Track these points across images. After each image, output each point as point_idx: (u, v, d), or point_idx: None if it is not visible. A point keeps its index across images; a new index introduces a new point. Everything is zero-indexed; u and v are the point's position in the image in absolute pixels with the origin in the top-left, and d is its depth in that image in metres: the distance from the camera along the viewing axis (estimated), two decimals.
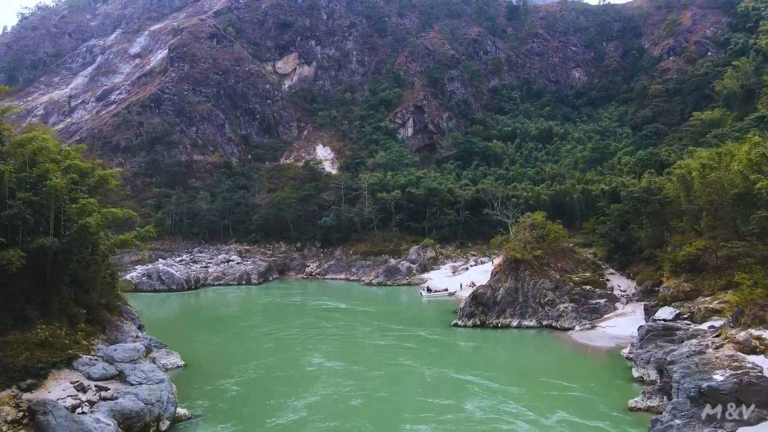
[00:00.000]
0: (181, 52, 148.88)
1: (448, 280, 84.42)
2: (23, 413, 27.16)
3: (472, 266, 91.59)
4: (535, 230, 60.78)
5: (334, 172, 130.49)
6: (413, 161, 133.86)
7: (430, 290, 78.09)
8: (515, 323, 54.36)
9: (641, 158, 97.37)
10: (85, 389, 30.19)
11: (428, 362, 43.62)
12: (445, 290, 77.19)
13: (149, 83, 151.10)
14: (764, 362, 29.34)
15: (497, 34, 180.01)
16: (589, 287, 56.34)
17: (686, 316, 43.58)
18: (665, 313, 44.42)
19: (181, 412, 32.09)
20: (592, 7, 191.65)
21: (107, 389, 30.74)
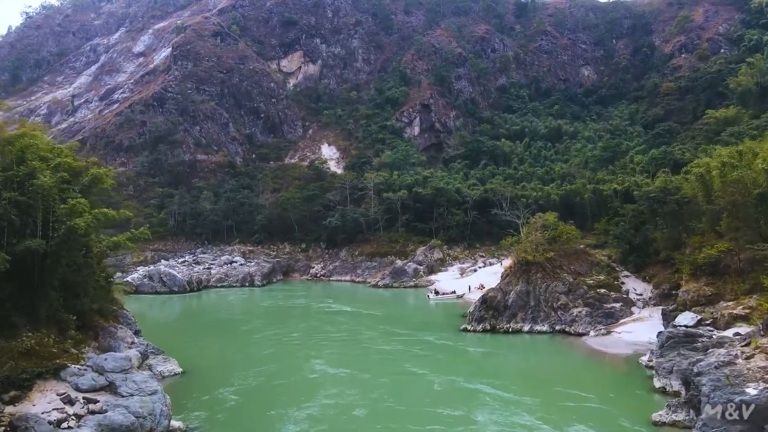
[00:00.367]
0: (184, 50, 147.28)
1: (456, 282, 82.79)
2: (5, 428, 25.87)
3: (480, 268, 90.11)
4: (546, 231, 58.99)
5: (339, 171, 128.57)
6: (420, 160, 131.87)
7: (437, 293, 76.25)
8: (527, 328, 52.78)
9: (654, 157, 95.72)
10: (72, 402, 28.62)
11: (436, 369, 42.34)
12: (453, 293, 75.45)
13: (152, 82, 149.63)
14: None
15: (505, 31, 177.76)
16: (603, 291, 54.56)
17: (709, 322, 41.96)
18: (686, 318, 42.61)
19: (175, 425, 30.94)
20: (601, 4, 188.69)
21: (96, 401, 29.15)
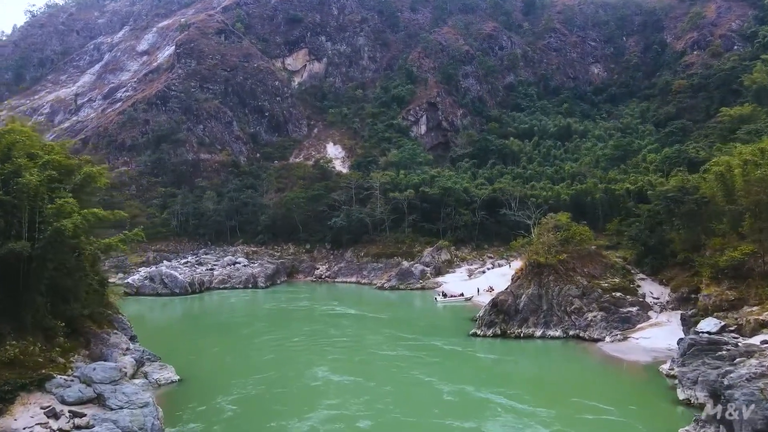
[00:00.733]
0: (188, 48, 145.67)
1: (464, 284, 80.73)
2: None
3: (489, 269, 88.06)
4: (559, 232, 56.75)
5: (344, 171, 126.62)
6: (427, 160, 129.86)
7: (445, 295, 74.22)
8: (539, 333, 50.73)
9: (668, 156, 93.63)
10: (57, 415, 26.84)
11: (445, 377, 40.53)
12: (461, 295, 73.46)
13: (156, 80, 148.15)
14: None
15: (513, 29, 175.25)
16: (619, 294, 52.46)
17: (733, 328, 39.83)
18: (709, 324, 40.40)
19: None
20: (611, 0, 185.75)
21: (83, 415, 27.34)
